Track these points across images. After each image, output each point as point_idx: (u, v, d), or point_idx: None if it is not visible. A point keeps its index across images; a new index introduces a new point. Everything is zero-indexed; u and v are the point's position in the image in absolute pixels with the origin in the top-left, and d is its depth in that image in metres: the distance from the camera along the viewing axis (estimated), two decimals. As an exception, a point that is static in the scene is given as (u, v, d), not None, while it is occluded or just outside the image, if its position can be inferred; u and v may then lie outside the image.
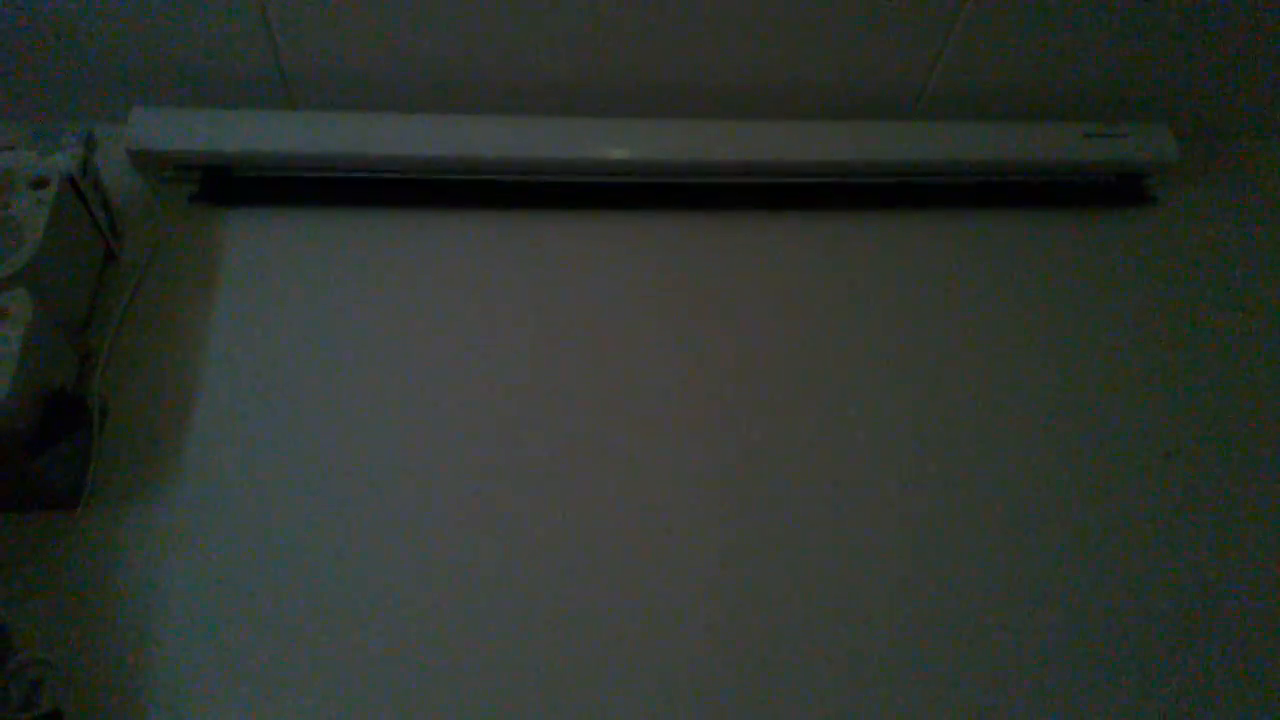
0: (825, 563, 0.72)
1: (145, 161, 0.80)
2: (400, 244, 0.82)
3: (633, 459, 0.75)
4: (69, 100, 0.82)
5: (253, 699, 0.63)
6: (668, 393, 0.78)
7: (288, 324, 0.78)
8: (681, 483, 0.74)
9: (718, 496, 0.74)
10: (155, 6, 0.75)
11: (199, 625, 0.65)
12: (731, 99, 0.89)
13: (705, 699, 0.66)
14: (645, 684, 0.66)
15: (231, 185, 0.82)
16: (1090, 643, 0.71)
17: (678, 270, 0.84)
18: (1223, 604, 0.74)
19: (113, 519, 0.68)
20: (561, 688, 0.66)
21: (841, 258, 0.86)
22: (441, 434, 0.74)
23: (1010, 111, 0.92)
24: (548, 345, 0.79)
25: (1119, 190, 0.92)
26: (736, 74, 0.87)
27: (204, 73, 0.81)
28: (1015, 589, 0.73)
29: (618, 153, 0.85)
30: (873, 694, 0.68)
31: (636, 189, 0.87)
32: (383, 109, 0.83)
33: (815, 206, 0.89)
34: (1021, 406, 0.81)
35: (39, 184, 0.69)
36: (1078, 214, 0.92)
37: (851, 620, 0.70)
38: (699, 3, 0.80)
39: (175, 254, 0.79)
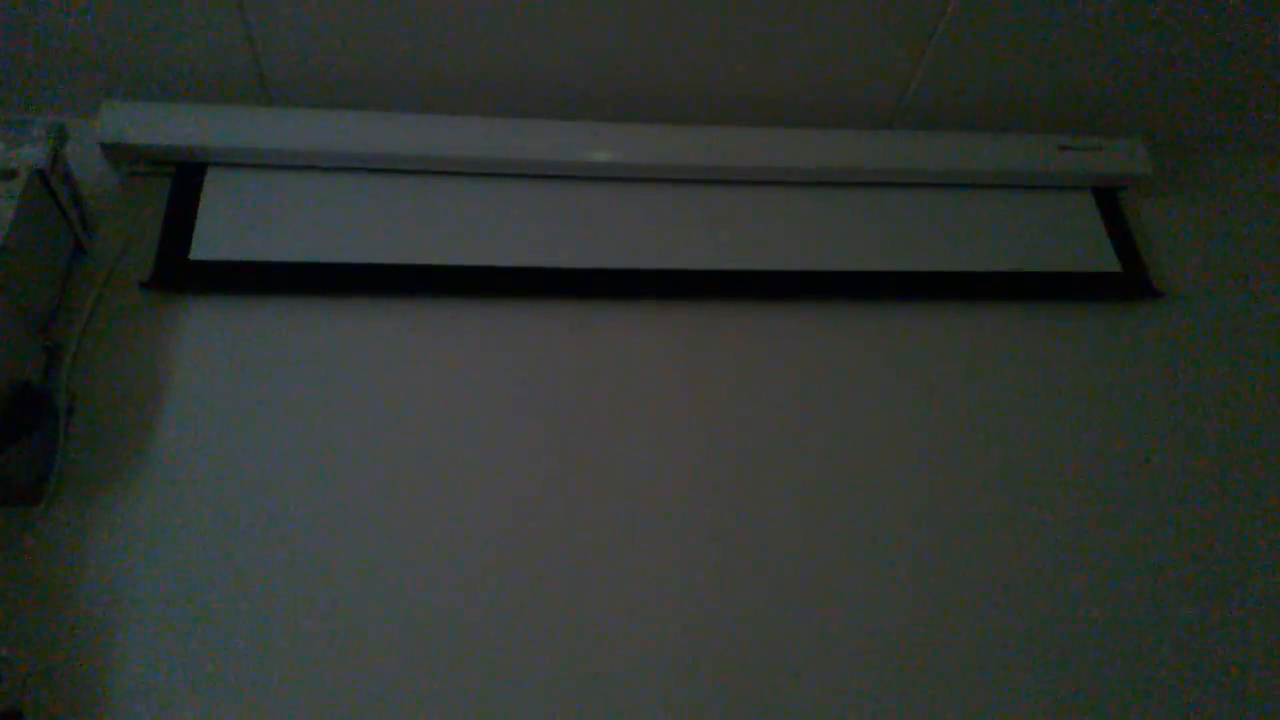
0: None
1: (118, 155, 0.79)
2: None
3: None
4: (40, 92, 0.81)
5: (214, 698, 0.63)
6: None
7: (259, 328, 0.77)
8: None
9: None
10: (129, -2, 0.75)
11: (161, 623, 0.65)
12: (711, 106, 0.89)
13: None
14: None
15: (185, 270, 0.77)
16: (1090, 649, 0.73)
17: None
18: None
19: (77, 515, 0.67)
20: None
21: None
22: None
23: (987, 123, 0.93)
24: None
25: (1124, 282, 0.90)
26: (717, 82, 0.87)
27: (179, 66, 0.80)
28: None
29: (599, 156, 0.85)
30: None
31: (623, 276, 0.82)
32: (359, 107, 0.83)
33: (819, 296, 0.85)
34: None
35: (7, 176, 0.68)
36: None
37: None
38: (680, 11, 0.80)
39: (145, 251, 0.78)
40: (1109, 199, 0.93)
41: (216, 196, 0.80)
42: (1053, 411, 0.83)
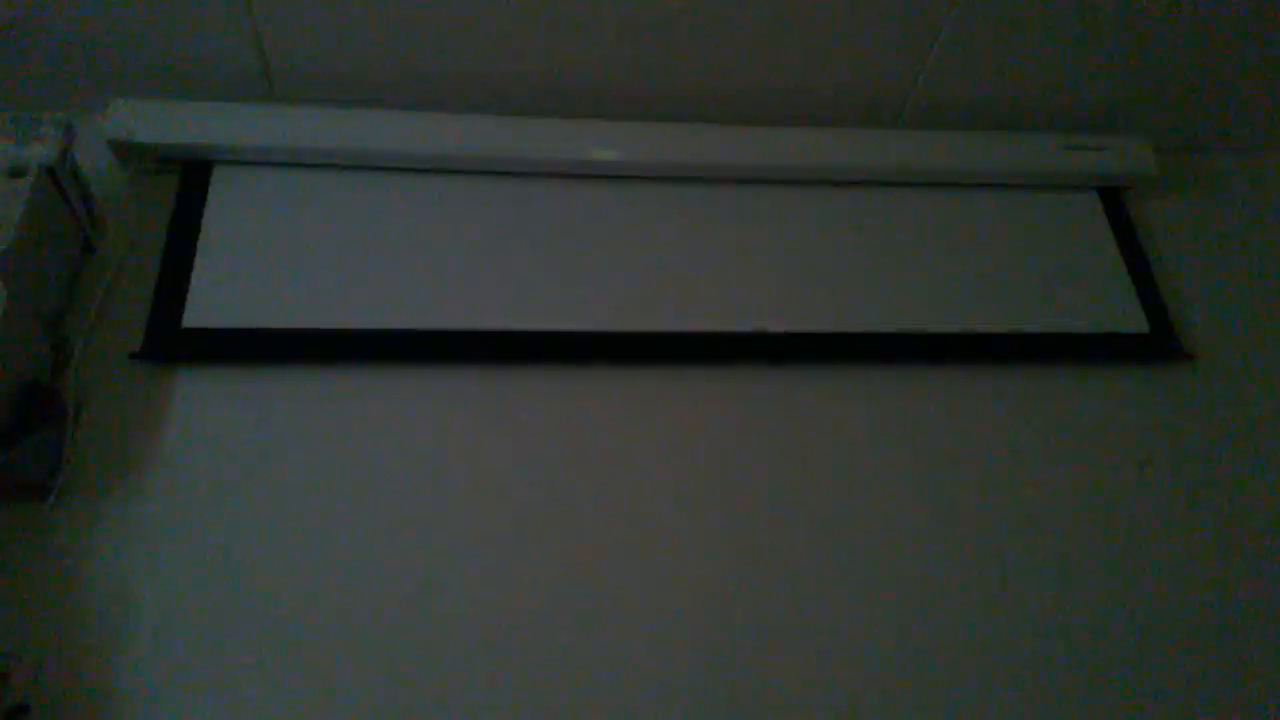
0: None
1: (126, 153, 0.80)
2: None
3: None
4: (48, 90, 0.81)
5: (221, 696, 0.63)
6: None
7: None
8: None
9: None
10: (138, -4, 0.75)
11: (167, 621, 0.65)
12: (717, 105, 0.89)
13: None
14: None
15: (177, 338, 0.74)
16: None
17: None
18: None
19: (83, 513, 0.67)
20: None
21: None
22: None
23: (993, 123, 0.93)
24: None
25: (1151, 345, 0.88)
26: (722, 80, 0.87)
27: (186, 64, 0.80)
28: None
29: (604, 154, 0.86)
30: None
31: (629, 340, 0.80)
32: (366, 104, 0.83)
33: (832, 360, 0.82)
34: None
35: (16, 173, 0.68)
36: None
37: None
38: (685, 9, 0.80)
39: (154, 245, 0.78)
40: (1113, 199, 0.94)
41: (222, 195, 0.80)
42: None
